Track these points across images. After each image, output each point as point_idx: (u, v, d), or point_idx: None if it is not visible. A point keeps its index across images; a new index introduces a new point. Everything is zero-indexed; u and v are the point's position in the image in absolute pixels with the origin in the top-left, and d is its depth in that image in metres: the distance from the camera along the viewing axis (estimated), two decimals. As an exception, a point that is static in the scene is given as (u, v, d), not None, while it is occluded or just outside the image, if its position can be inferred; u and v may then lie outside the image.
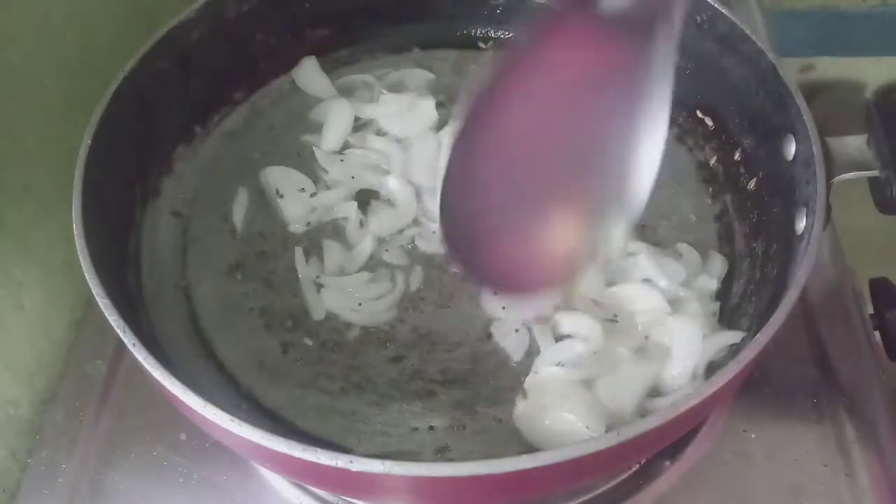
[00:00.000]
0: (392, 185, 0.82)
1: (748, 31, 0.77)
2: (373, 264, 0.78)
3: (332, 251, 0.78)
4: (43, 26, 0.79)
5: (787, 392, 0.77)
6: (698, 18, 0.81)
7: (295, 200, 0.82)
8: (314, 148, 0.85)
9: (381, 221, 0.80)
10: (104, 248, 0.67)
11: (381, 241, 0.79)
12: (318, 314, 0.75)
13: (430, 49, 0.95)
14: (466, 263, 0.61)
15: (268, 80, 0.91)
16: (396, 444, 0.67)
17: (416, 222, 0.80)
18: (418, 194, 0.82)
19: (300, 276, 0.77)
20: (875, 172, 0.70)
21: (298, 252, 0.78)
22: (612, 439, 0.53)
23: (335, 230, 0.81)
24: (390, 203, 0.82)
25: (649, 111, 0.55)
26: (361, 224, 0.80)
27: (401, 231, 0.80)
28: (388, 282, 0.76)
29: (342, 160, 0.85)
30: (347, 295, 0.75)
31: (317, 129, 0.87)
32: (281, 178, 0.83)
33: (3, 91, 0.75)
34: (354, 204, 0.81)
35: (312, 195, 0.82)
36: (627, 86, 0.56)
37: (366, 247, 0.78)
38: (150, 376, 0.58)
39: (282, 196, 0.82)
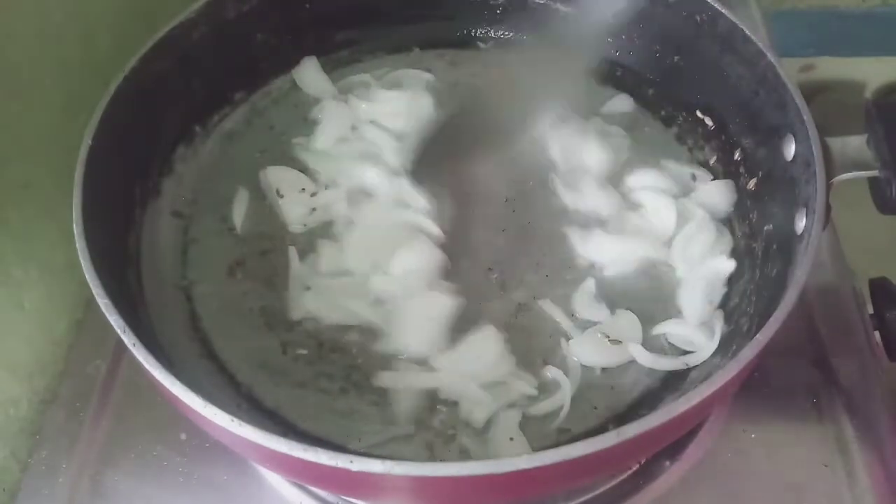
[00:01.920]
0: (386, 182, 0.81)
1: (748, 31, 0.77)
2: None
3: (327, 251, 0.78)
4: (43, 26, 0.79)
5: (787, 392, 0.77)
6: (698, 18, 0.81)
7: (295, 200, 0.82)
8: (304, 150, 0.85)
9: (374, 220, 0.79)
10: (104, 248, 0.67)
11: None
12: (297, 314, 0.74)
13: (430, 49, 0.95)
14: None
15: (268, 80, 0.91)
16: (397, 443, 0.67)
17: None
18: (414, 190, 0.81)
19: (290, 275, 0.76)
20: (875, 172, 0.70)
21: (293, 252, 0.78)
22: (612, 439, 0.52)
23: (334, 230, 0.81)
24: (385, 201, 0.81)
25: None
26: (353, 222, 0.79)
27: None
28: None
29: (336, 158, 0.84)
30: (332, 296, 0.75)
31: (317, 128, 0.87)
32: (281, 178, 0.83)
33: (4, 90, 0.75)
34: (345, 203, 0.80)
35: (313, 195, 0.82)
36: None
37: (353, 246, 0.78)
38: (150, 376, 0.58)
39: (282, 196, 0.82)
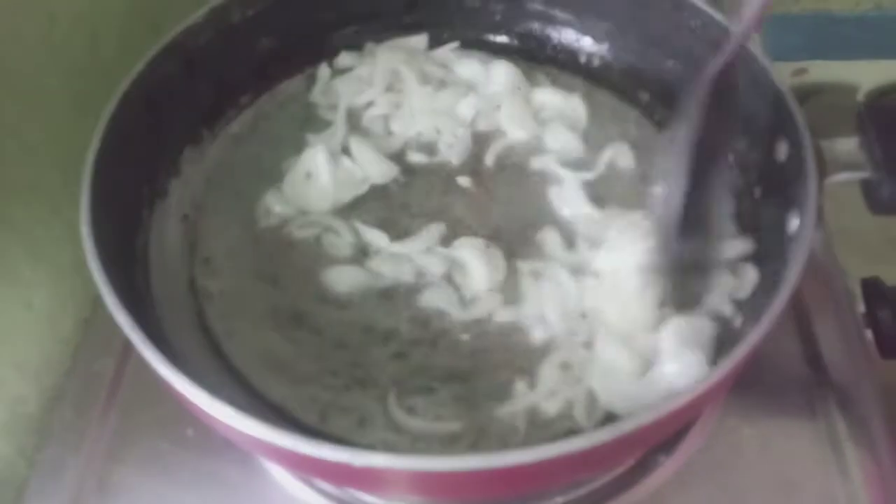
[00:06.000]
0: None
1: (742, 36, 0.78)
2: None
3: None
4: (49, 29, 0.80)
5: (781, 389, 0.78)
6: (692, 24, 0.83)
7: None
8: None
9: None
10: (112, 248, 0.68)
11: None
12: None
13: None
14: None
15: (274, 84, 0.92)
16: (400, 438, 0.68)
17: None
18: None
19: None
20: (866, 174, 0.71)
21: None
22: (608, 434, 0.54)
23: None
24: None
25: None
26: None
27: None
28: None
29: None
30: None
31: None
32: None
33: (10, 92, 0.76)
34: None
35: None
36: None
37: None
38: (157, 373, 0.59)
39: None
